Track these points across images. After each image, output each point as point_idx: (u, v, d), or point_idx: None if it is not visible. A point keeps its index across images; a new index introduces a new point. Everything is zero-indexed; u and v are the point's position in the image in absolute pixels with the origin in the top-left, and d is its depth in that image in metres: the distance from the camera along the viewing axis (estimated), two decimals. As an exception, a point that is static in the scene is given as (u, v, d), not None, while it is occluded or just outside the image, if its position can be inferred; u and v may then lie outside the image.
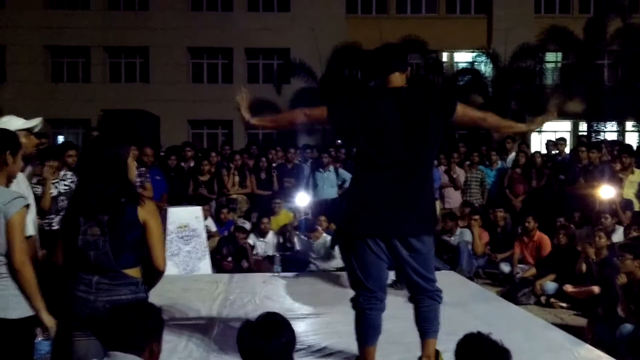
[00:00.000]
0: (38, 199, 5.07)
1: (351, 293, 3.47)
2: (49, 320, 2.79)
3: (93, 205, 2.66)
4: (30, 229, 3.01)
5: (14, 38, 19.62)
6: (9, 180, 2.90)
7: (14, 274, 2.73)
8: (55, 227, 5.35)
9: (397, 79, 3.37)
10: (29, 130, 3.45)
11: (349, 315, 3.49)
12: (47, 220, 5.41)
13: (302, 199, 8.74)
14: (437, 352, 3.45)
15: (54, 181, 5.58)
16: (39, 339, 2.78)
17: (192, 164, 9.53)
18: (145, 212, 2.72)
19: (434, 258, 3.61)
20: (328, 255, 7.80)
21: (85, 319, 2.66)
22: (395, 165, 3.25)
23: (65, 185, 5.66)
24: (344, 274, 3.77)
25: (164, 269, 2.80)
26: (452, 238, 8.35)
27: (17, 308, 2.75)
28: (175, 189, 8.62)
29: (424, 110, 3.25)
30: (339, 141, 10.88)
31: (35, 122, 3.48)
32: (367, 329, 3.39)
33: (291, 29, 19.95)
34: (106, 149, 2.75)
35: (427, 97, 3.35)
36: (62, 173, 5.74)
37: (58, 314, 2.82)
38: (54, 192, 5.58)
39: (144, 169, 7.44)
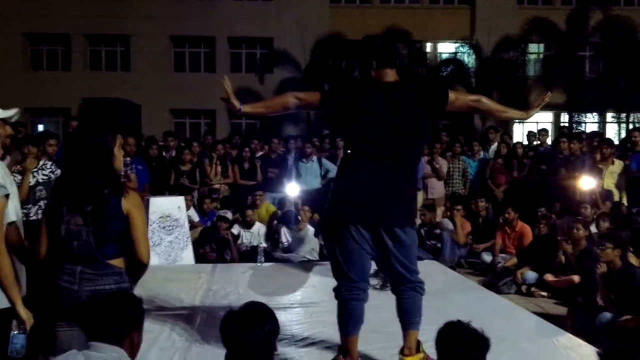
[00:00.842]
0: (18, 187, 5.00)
1: (334, 283, 3.47)
2: (25, 313, 2.76)
3: (76, 196, 2.63)
4: (12, 216, 2.96)
5: (-7, 26, 19.28)
6: None
7: None
8: (33, 217, 5.28)
9: (390, 73, 3.39)
10: (4, 121, 3.39)
11: (332, 305, 3.49)
12: (24, 211, 5.33)
13: (292, 189, 8.64)
14: (418, 343, 3.47)
15: (33, 170, 5.50)
16: (14, 332, 2.73)
17: (173, 154, 9.46)
18: (129, 204, 2.69)
19: (417, 248, 3.62)
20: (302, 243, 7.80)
21: (69, 309, 2.63)
22: (385, 157, 3.26)
23: (44, 175, 5.58)
24: (327, 264, 3.78)
25: (147, 262, 2.78)
26: (437, 230, 8.41)
27: None
28: (157, 178, 8.56)
29: (416, 105, 3.28)
30: (326, 131, 10.84)
31: (12, 113, 3.41)
32: (349, 318, 3.40)
33: (275, 18, 19.83)
34: (90, 138, 2.71)
35: (419, 91, 3.37)
36: (41, 162, 5.66)
37: (41, 305, 2.79)
38: (32, 181, 5.51)
39: (128, 159, 7.37)
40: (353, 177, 3.33)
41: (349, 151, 3.44)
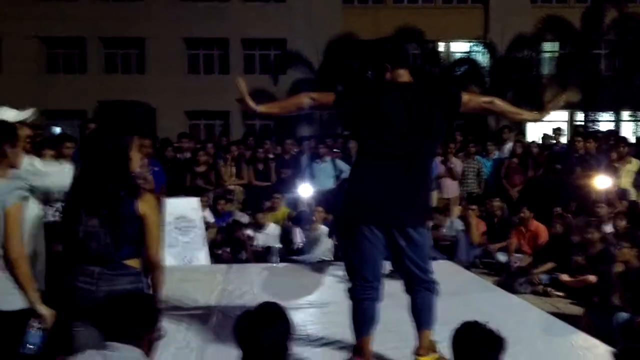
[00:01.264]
0: None
1: (349, 284, 3.48)
2: (45, 310, 2.80)
3: (93, 200, 2.66)
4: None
5: (10, 29, 19.48)
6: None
7: (9, 265, 2.73)
8: (50, 219, 5.32)
9: (404, 74, 3.40)
10: (21, 122, 3.44)
11: (347, 305, 3.49)
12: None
13: (305, 190, 8.66)
14: (432, 343, 3.47)
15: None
16: (31, 330, 2.77)
17: (188, 155, 9.51)
18: (146, 206, 2.72)
19: (432, 248, 3.63)
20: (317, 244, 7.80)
21: (86, 310, 2.66)
22: (398, 158, 3.27)
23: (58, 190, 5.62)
24: (342, 265, 3.79)
25: (158, 262, 2.81)
26: (444, 230, 8.39)
27: (11, 300, 2.75)
28: (172, 180, 8.61)
29: (429, 106, 3.29)
30: (340, 132, 10.84)
31: (29, 114, 3.46)
32: (362, 318, 3.41)
33: (287, 19, 19.86)
34: (108, 140, 2.74)
35: (432, 93, 3.37)
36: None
37: (59, 305, 2.82)
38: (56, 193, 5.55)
39: (146, 160, 7.42)
40: (366, 178, 3.34)
41: (361, 151, 3.45)
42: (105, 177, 2.67)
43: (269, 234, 8.26)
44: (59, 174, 3.27)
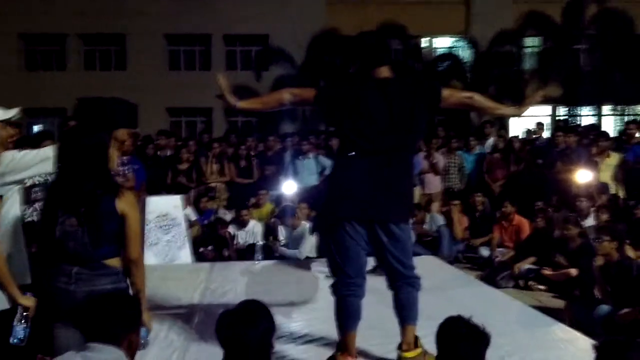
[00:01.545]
0: None
1: (332, 280, 3.47)
2: (26, 300, 2.80)
3: (70, 200, 2.62)
4: None
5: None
6: None
7: None
8: (29, 219, 5.25)
9: (385, 70, 3.39)
10: (6, 121, 3.39)
11: (330, 302, 3.49)
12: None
13: (289, 187, 8.61)
14: (416, 338, 3.47)
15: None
16: (16, 323, 2.78)
17: (167, 153, 9.44)
18: (125, 204, 2.69)
19: (415, 244, 3.64)
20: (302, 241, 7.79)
21: (66, 310, 2.63)
22: (379, 153, 3.27)
23: (40, 176, 5.55)
24: (325, 261, 3.78)
25: (139, 261, 2.78)
26: (425, 225, 8.42)
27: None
28: (153, 178, 8.54)
29: (410, 102, 3.29)
30: (323, 128, 10.83)
31: (13, 113, 3.42)
32: (346, 315, 3.41)
33: (270, 15, 19.75)
34: (85, 138, 2.70)
35: (413, 88, 3.38)
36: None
37: (39, 305, 2.81)
38: (29, 182, 5.48)
39: (126, 158, 7.34)
40: (347, 174, 3.34)
41: (342, 147, 3.44)
42: (83, 176, 2.63)
43: (249, 232, 8.24)
44: (40, 162, 3.22)
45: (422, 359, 3.43)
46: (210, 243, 7.87)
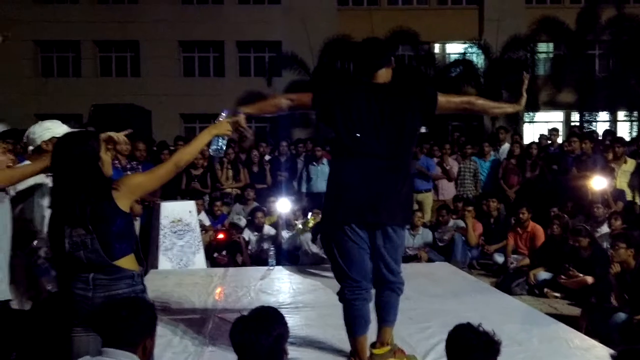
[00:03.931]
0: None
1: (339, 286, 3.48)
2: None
3: (72, 214, 2.61)
4: None
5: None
6: None
7: None
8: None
9: (383, 75, 3.39)
10: None
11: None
12: None
13: (283, 205, 8.33)
14: (391, 338, 3.57)
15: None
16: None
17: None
18: (123, 194, 2.66)
19: (430, 250, 3.64)
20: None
21: (85, 316, 2.63)
22: (371, 157, 3.27)
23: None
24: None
25: (176, 161, 3.00)
26: (447, 227, 8.38)
27: None
28: (167, 183, 8.56)
29: (402, 106, 3.29)
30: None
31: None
32: (354, 319, 3.42)
33: (282, 21, 19.82)
34: (72, 147, 2.66)
35: (407, 94, 3.36)
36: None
37: (59, 311, 2.81)
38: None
39: (135, 162, 7.40)
40: (340, 177, 3.36)
41: (336, 150, 3.47)
42: (78, 186, 2.61)
43: (264, 236, 8.24)
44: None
45: (390, 356, 3.50)
46: (224, 248, 7.89)
